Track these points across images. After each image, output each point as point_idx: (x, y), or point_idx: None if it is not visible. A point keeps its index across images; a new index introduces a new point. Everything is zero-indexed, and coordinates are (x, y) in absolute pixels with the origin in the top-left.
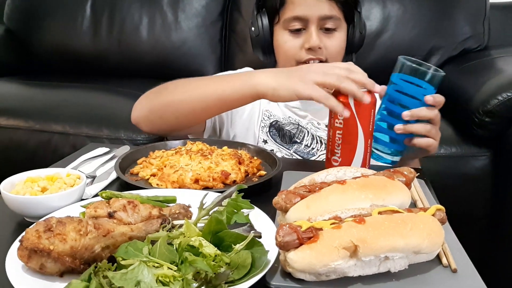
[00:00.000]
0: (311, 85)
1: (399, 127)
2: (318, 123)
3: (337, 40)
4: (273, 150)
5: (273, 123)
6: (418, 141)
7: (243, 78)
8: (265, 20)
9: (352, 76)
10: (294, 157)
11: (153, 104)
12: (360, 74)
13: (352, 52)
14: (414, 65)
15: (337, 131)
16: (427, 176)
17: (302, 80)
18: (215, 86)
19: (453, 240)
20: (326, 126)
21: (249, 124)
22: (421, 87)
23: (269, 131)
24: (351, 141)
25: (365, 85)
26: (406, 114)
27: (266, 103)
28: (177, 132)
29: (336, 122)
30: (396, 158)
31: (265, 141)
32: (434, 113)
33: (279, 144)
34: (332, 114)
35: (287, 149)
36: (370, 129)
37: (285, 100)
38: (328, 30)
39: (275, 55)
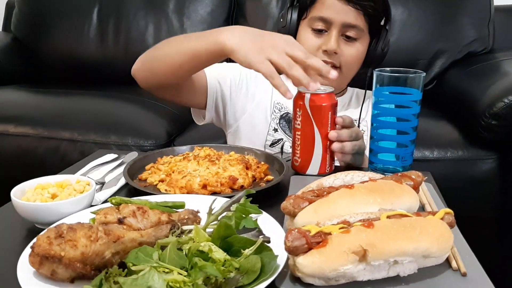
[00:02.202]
0: (264, 60)
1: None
2: None
3: (355, 50)
4: (282, 139)
5: (284, 115)
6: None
7: (214, 34)
8: (295, 15)
9: (308, 61)
10: None
11: (145, 58)
12: (315, 60)
13: (370, 66)
14: (393, 74)
15: (297, 132)
16: (434, 179)
17: (259, 52)
18: (191, 43)
19: (462, 243)
20: None
21: (258, 113)
22: (406, 94)
23: (279, 122)
24: (308, 143)
25: (320, 70)
26: (332, 136)
27: (278, 96)
28: (168, 91)
29: (296, 123)
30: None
31: (275, 130)
32: (351, 135)
33: (288, 135)
34: (293, 115)
35: None
36: (328, 132)
37: (241, 65)
38: (349, 38)
39: None
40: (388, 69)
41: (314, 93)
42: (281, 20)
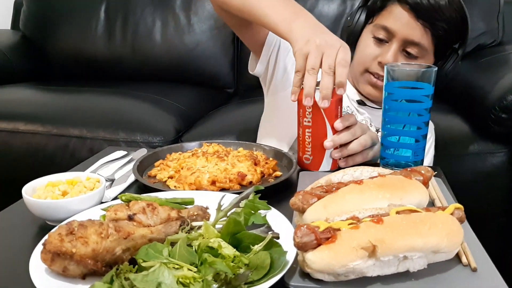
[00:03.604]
0: (304, 55)
1: (336, 155)
2: (370, 124)
3: None
4: None
5: None
6: (353, 160)
7: (287, 13)
8: (362, 17)
9: (323, 75)
10: None
11: None
12: (328, 82)
13: None
14: (404, 69)
15: (306, 130)
16: (444, 174)
17: (307, 43)
18: (264, 5)
19: (472, 239)
20: (376, 129)
21: None
22: (418, 88)
23: None
24: (320, 140)
25: (321, 89)
26: (328, 145)
27: None
28: (227, 14)
29: (305, 121)
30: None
31: None
32: (352, 134)
33: None
34: (301, 113)
35: None
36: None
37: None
38: (409, 55)
39: (355, 50)
40: (400, 63)
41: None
42: (348, 19)
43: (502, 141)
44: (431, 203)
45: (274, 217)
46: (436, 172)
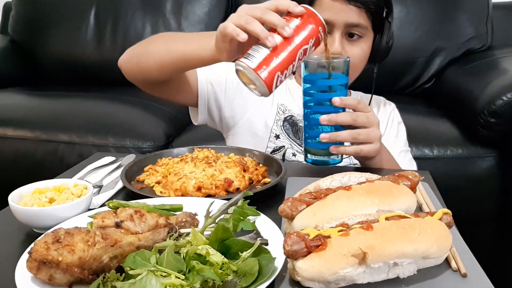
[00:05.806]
0: (228, 25)
1: (324, 136)
2: None
3: (360, 50)
4: (284, 146)
5: (288, 117)
6: (344, 149)
7: (204, 39)
8: None
9: (264, 17)
10: None
11: (133, 51)
12: (273, 15)
13: (375, 61)
14: (315, 61)
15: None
16: (433, 178)
17: (225, 23)
18: (182, 44)
19: (461, 243)
20: None
21: (257, 118)
22: (333, 78)
23: (283, 125)
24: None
25: (276, 26)
26: (323, 119)
27: (282, 97)
28: (155, 87)
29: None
30: (335, 157)
31: (277, 136)
32: (352, 118)
33: (292, 139)
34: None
35: (299, 145)
36: (299, 48)
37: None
38: (352, 37)
39: None
40: (316, 56)
41: (312, 10)
42: None
43: (491, 146)
44: (419, 208)
45: (263, 223)
46: (423, 177)
